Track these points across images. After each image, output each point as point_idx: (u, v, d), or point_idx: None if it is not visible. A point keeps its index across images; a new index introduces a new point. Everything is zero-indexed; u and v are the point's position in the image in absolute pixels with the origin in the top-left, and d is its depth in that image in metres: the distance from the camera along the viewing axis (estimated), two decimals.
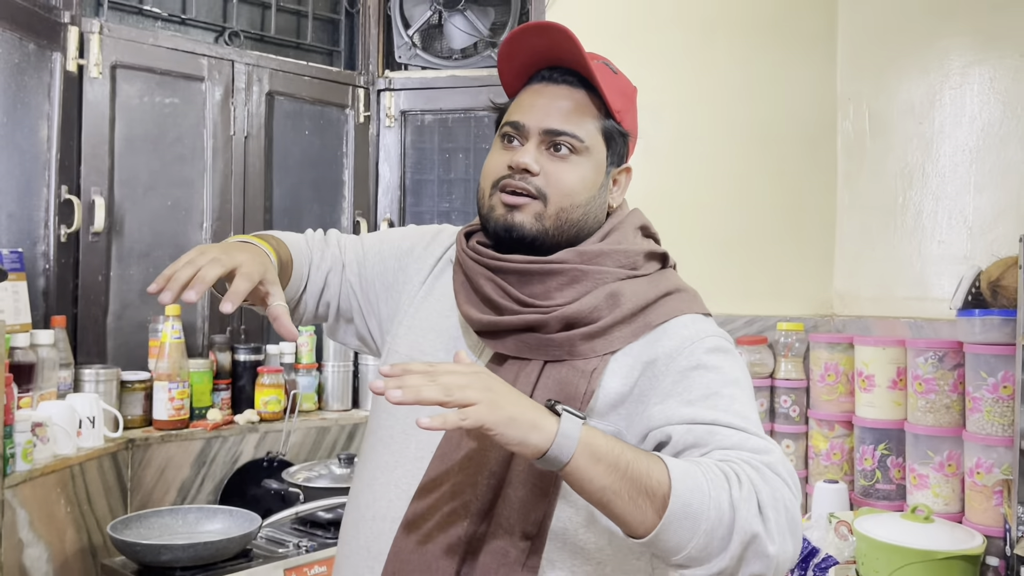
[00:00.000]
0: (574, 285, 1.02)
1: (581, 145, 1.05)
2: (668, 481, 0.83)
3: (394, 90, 2.67)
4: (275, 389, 2.32)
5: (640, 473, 0.83)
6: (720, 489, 0.83)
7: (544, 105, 1.06)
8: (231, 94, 2.39)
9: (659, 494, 0.83)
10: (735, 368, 1.00)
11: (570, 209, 1.05)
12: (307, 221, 2.57)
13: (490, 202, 1.07)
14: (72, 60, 2.11)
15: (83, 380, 2.04)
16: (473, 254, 1.07)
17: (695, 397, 0.95)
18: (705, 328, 1.02)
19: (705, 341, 1.00)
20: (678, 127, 2.40)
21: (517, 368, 1.01)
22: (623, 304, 1.01)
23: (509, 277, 1.03)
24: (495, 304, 1.03)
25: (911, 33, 2.20)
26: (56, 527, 1.77)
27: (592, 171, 1.07)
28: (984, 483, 1.82)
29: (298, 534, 1.96)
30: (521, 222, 1.03)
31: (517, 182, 1.04)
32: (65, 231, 2.08)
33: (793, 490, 0.88)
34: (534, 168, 1.03)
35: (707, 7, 2.41)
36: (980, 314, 1.83)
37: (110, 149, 2.20)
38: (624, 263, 1.05)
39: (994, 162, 2.01)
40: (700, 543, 0.83)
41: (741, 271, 2.37)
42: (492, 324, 1.02)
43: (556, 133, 1.04)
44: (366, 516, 1.05)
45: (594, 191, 1.07)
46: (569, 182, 1.04)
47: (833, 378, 2.16)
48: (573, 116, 1.05)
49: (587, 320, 0.99)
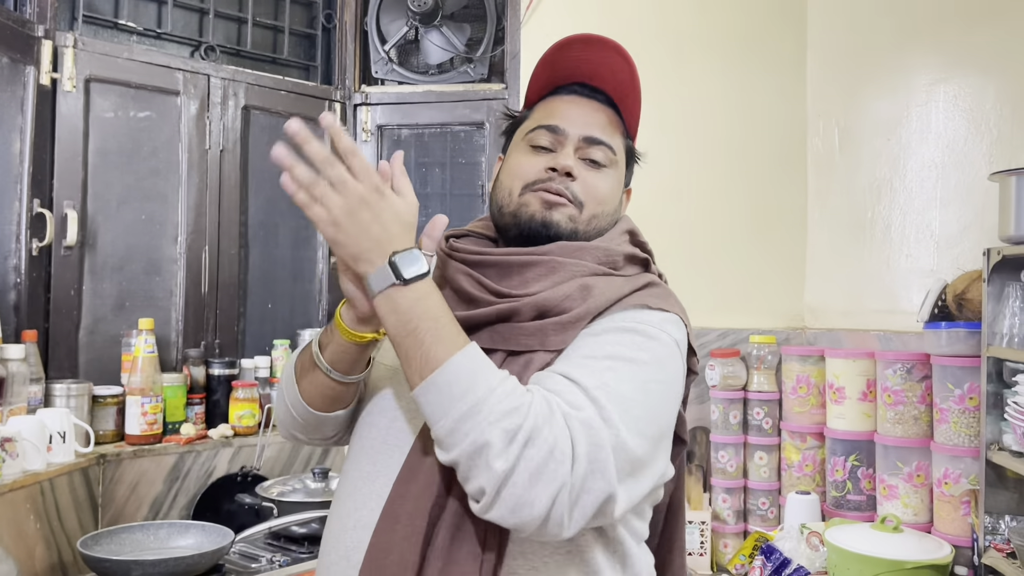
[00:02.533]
0: (550, 276, 1.02)
1: (614, 158, 1.09)
2: (446, 359, 0.87)
3: (370, 105, 2.68)
4: (249, 403, 2.31)
5: (425, 341, 0.88)
6: (492, 394, 0.84)
7: (582, 115, 1.09)
8: (206, 108, 2.39)
9: (431, 365, 0.87)
10: (639, 352, 0.94)
11: (600, 217, 1.08)
12: (283, 235, 2.58)
13: (520, 199, 1.07)
14: (46, 74, 2.10)
15: (54, 395, 2.02)
16: (450, 251, 1.08)
17: (576, 356, 0.94)
18: (643, 316, 0.99)
19: (626, 322, 0.97)
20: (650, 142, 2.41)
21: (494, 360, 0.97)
22: (595, 296, 0.99)
23: (487, 271, 1.04)
24: (470, 297, 1.03)
25: (879, 52, 2.25)
26: (25, 543, 1.75)
27: (618, 184, 1.12)
28: (952, 493, 1.85)
29: (272, 549, 1.94)
30: (558, 220, 1.05)
31: (558, 185, 1.05)
32: (37, 245, 2.06)
33: (577, 452, 0.83)
34: (576, 171, 1.06)
35: (680, 25, 2.45)
36: (946, 327, 1.86)
37: (83, 163, 2.19)
38: (603, 260, 1.05)
39: (959, 178, 2.05)
40: (447, 426, 0.85)
41: (714, 285, 2.39)
42: (465, 319, 0.99)
43: (596, 141, 1.08)
44: (347, 526, 1.04)
45: (617, 203, 1.12)
46: (603, 191, 1.08)
47: (805, 390, 2.18)
48: (608, 129, 1.10)
49: (558, 309, 0.99)
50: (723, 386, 2.27)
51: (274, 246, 2.56)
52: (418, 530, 0.92)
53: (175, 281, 2.35)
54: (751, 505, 2.27)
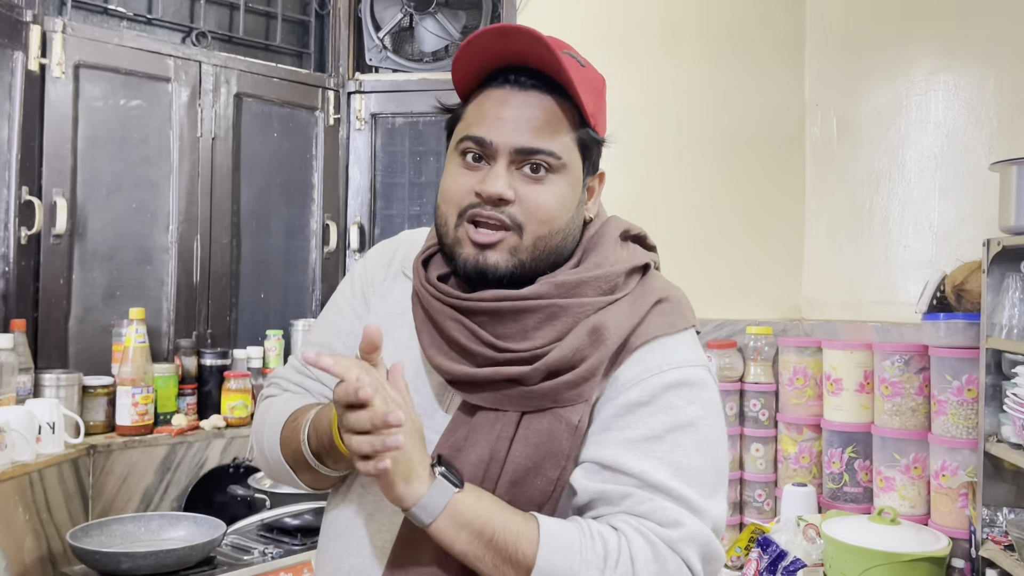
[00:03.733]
0: (552, 323, 0.91)
1: (558, 163, 0.93)
2: (534, 555, 0.83)
3: (364, 92, 2.66)
4: (242, 394, 2.28)
5: (506, 543, 0.84)
6: (593, 568, 0.82)
7: (512, 118, 0.92)
8: (198, 95, 2.36)
9: (523, 567, 0.83)
10: (692, 408, 0.90)
11: (548, 237, 0.93)
12: (275, 225, 2.55)
13: (456, 234, 0.94)
14: (34, 59, 2.07)
15: (43, 385, 2.00)
16: (435, 291, 0.95)
17: (634, 438, 0.89)
18: (671, 356, 0.92)
19: (667, 375, 0.91)
20: (648, 132, 2.41)
21: (492, 420, 0.91)
22: (607, 339, 0.90)
23: (479, 318, 0.92)
24: (466, 350, 0.92)
25: (877, 40, 2.23)
26: (14, 535, 1.73)
27: (570, 189, 0.95)
28: (949, 485, 1.83)
29: (264, 541, 1.93)
30: (496, 263, 0.92)
31: (489, 213, 0.91)
32: (26, 233, 2.04)
33: (694, 568, 0.85)
34: (508, 196, 0.91)
35: (676, 12, 2.42)
36: (945, 318, 1.85)
37: (73, 150, 2.16)
38: (604, 289, 0.94)
39: (958, 168, 2.03)
40: None
41: (711, 275, 2.38)
42: (467, 376, 0.91)
43: (530, 152, 0.92)
44: (340, 570, 0.98)
45: (572, 211, 0.96)
46: (548, 208, 0.93)
47: (802, 382, 2.17)
48: (546, 129, 0.92)
49: (571, 364, 0.89)
50: (720, 377, 2.25)
51: (266, 235, 2.53)
52: None
53: (166, 270, 2.32)
54: (747, 497, 2.26)
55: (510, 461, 0.90)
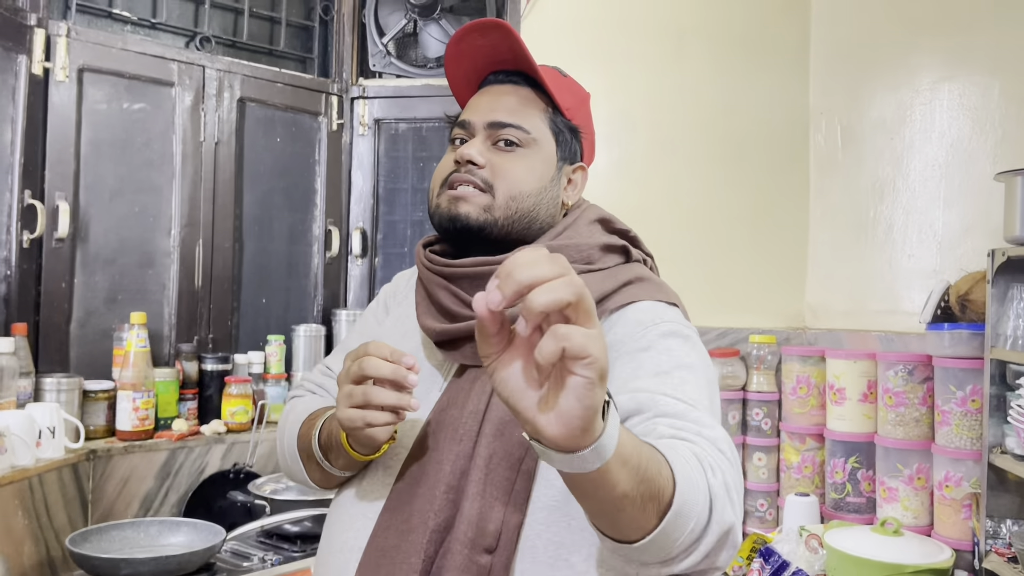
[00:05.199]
0: None
1: (527, 137, 1.03)
2: (673, 482, 0.72)
3: (368, 98, 2.65)
4: (243, 399, 2.28)
5: (653, 475, 0.70)
6: (701, 479, 0.75)
7: (489, 101, 1.05)
8: (201, 100, 2.36)
9: (664, 497, 0.71)
10: (690, 353, 0.95)
11: (520, 198, 1.02)
12: (278, 230, 2.55)
13: (437, 200, 1.05)
14: (38, 63, 2.07)
15: (44, 389, 1.99)
16: (427, 262, 1.05)
17: (643, 374, 0.91)
18: (663, 314, 0.98)
19: (660, 326, 0.96)
20: (652, 139, 2.41)
21: (474, 376, 0.97)
22: None
23: (462, 282, 1.00)
24: (450, 313, 1.00)
25: (882, 49, 2.22)
26: (13, 540, 1.72)
27: (541, 163, 1.05)
28: (953, 496, 1.83)
29: (264, 547, 1.92)
30: (466, 212, 1.01)
31: (463, 175, 1.02)
32: (28, 236, 2.03)
33: (737, 468, 0.84)
34: (479, 160, 1.02)
35: (681, 19, 2.42)
36: (949, 328, 1.84)
37: (76, 154, 2.15)
38: (576, 258, 1.01)
39: (963, 177, 2.03)
40: (685, 542, 0.73)
41: (714, 283, 2.37)
42: (447, 332, 0.99)
43: (500, 125, 1.03)
44: (333, 548, 1.02)
45: (544, 182, 1.05)
46: (516, 173, 1.02)
47: (805, 391, 2.16)
48: (518, 109, 1.04)
49: None
50: (722, 386, 2.24)
51: (269, 240, 2.53)
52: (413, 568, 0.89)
53: (168, 275, 2.32)
54: (749, 507, 2.25)
55: (489, 414, 0.93)
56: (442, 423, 0.97)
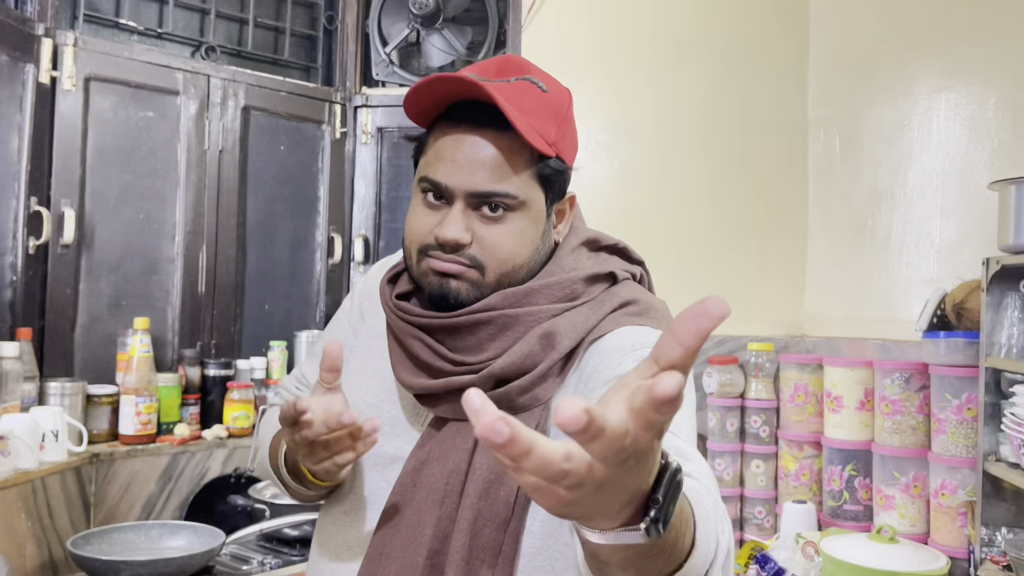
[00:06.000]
0: (505, 333, 0.92)
1: (515, 202, 0.93)
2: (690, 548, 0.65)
3: (371, 107, 2.68)
4: (244, 404, 2.30)
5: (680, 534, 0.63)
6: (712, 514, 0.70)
7: (466, 161, 0.92)
8: (206, 108, 2.39)
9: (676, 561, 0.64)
10: None
11: (511, 273, 0.95)
12: (281, 237, 2.57)
13: (420, 267, 0.96)
14: (45, 72, 2.10)
15: (48, 393, 2.02)
16: (400, 312, 0.98)
17: None
18: (644, 338, 0.91)
19: (639, 351, 0.89)
20: (651, 147, 2.42)
21: (455, 431, 0.93)
22: (560, 342, 0.90)
23: (439, 334, 0.95)
24: (427, 365, 0.95)
25: (880, 59, 2.24)
26: (16, 541, 1.74)
27: (531, 224, 0.95)
28: (949, 504, 1.83)
29: (263, 551, 1.94)
30: (458, 289, 0.94)
31: (448, 258, 0.93)
32: (34, 243, 2.06)
33: None
34: (464, 240, 0.92)
35: (680, 29, 2.44)
36: (945, 336, 1.85)
37: (82, 161, 2.19)
38: (559, 296, 0.95)
39: (960, 186, 2.03)
40: None
41: (712, 291, 2.37)
42: (425, 389, 0.95)
43: (485, 196, 0.92)
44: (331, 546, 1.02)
45: (536, 243, 0.97)
46: (506, 247, 0.93)
47: (803, 399, 2.17)
48: (501, 170, 0.92)
49: (521, 371, 0.90)
50: (720, 393, 2.25)
51: (272, 247, 2.55)
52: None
53: (172, 281, 2.34)
54: (747, 514, 2.25)
55: (472, 474, 0.90)
56: (420, 482, 0.93)
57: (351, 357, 1.08)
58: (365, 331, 1.09)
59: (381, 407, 1.01)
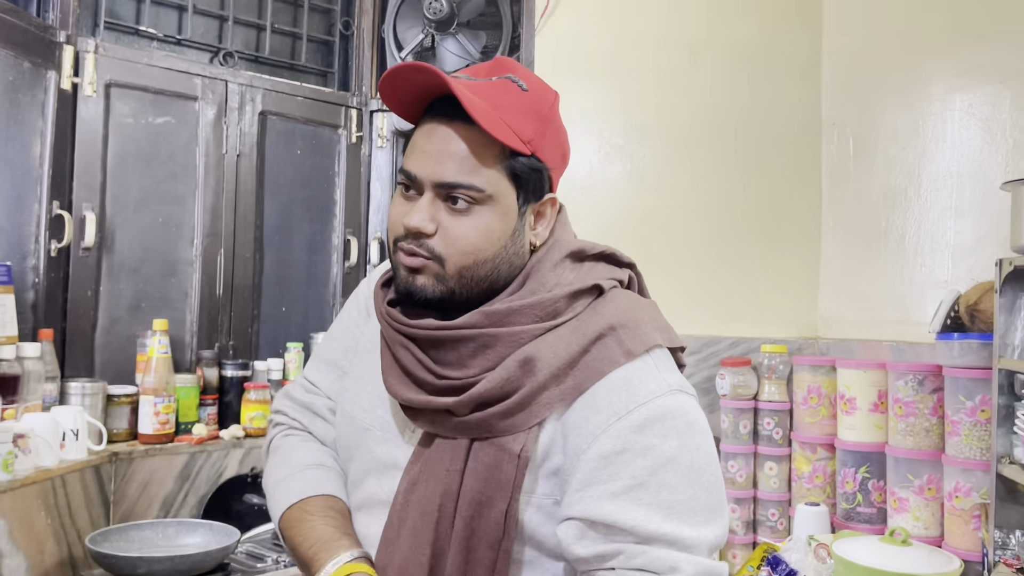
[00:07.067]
0: (485, 352, 0.93)
1: (482, 195, 0.93)
2: None
3: (386, 111, 2.70)
4: (261, 405, 2.33)
5: None
6: None
7: (436, 152, 0.93)
8: (224, 113, 2.42)
9: None
10: (669, 443, 0.89)
11: (474, 267, 0.94)
12: (297, 240, 2.60)
13: (395, 258, 0.98)
14: (67, 78, 2.15)
15: (69, 393, 2.06)
16: (389, 319, 0.99)
17: (618, 489, 0.88)
18: (636, 391, 0.90)
19: (634, 416, 0.89)
20: (664, 150, 2.43)
21: (443, 450, 0.94)
22: (539, 371, 0.90)
23: (423, 345, 0.96)
24: (414, 377, 0.96)
25: (894, 60, 2.23)
26: (36, 538, 1.78)
27: (499, 220, 0.95)
28: (962, 507, 1.82)
29: (277, 549, 1.96)
30: (423, 285, 0.95)
31: (410, 246, 0.94)
32: (56, 246, 2.10)
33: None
34: (427, 229, 0.93)
35: (694, 31, 2.44)
36: (958, 338, 1.84)
37: (102, 166, 2.23)
38: (541, 315, 0.94)
39: (974, 187, 2.02)
40: None
41: (726, 293, 2.38)
42: (409, 402, 0.96)
43: (450, 187, 0.92)
44: None
45: (504, 240, 0.95)
46: (469, 239, 0.93)
47: (816, 401, 2.16)
48: (469, 163, 0.92)
49: (500, 396, 0.90)
50: (733, 395, 2.25)
51: (289, 250, 2.58)
52: None
53: (190, 283, 2.38)
54: (760, 516, 2.25)
55: (463, 495, 0.91)
56: (412, 501, 0.95)
57: (355, 360, 1.11)
58: (368, 330, 1.10)
59: (375, 412, 1.03)
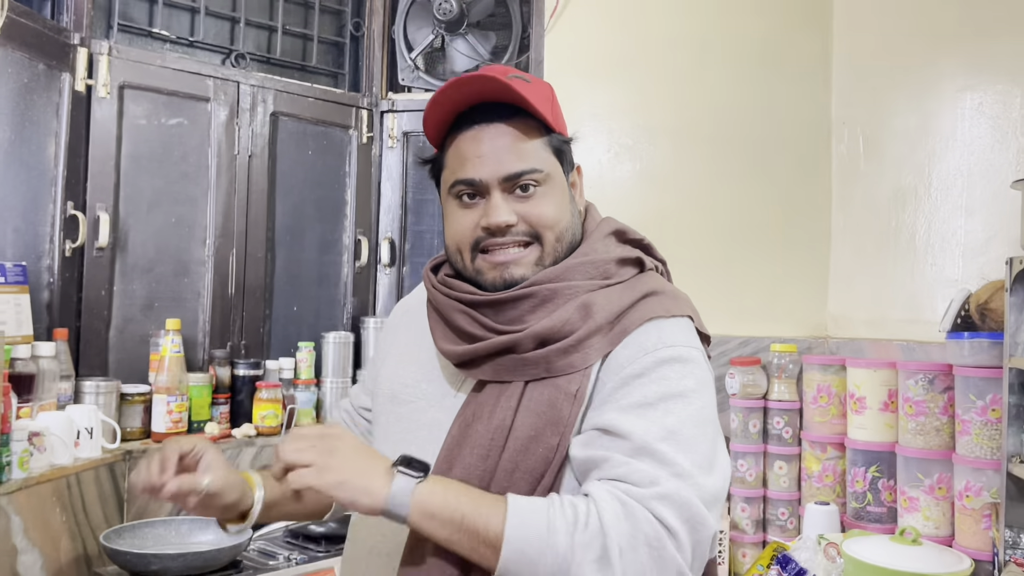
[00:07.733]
0: (545, 305, 1.00)
1: (542, 175, 1.03)
2: (503, 530, 0.87)
3: (397, 112, 2.72)
4: (273, 404, 2.35)
5: (476, 525, 0.88)
6: (561, 534, 0.86)
7: (491, 152, 1.02)
8: (236, 114, 2.44)
9: (494, 543, 0.87)
10: (684, 380, 0.96)
11: (563, 234, 1.05)
12: (309, 240, 2.62)
13: (474, 266, 1.05)
14: (81, 80, 2.17)
15: (83, 392, 2.08)
16: (444, 288, 1.07)
17: (627, 404, 0.94)
18: (667, 337, 0.99)
19: (660, 351, 0.97)
20: (674, 149, 2.43)
21: (498, 392, 1.00)
22: (595, 314, 0.99)
23: (483, 309, 1.03)
24: (470, 335, 1.02)
25: (904, 58, 2.22)
26: (51, 535, 1.80)
27: (560, 192, 1.06)
28: (973, 506, 1.81)
29: (289, 547, 1.98)
30: (522, 275, 1.02)
31: (501, 240, 1.02)
32: (70, 246, 2.13)
33: (671, 526, 0.87)
34: (512, 220, 1.02)
35: (703, 30, 2.44)
36: (969, 337, 1.83)
37: (116, 167, 2.25)
38: (594, 274, 1.03)
39: (985, 186, 2.02)
40: None
41: (736, 292, 2.38)
42: (468, 353, 1.01)
43: (517, 176, 1.02)
44: (360, 552, 1.07)
45: (570, 207, 1.08)
46: (550, 214, 1.03)
47: (826, 400, 2.16)
48: (523, 151, 1.03)
49: (560, 335, 0.98)
50: (743, 394, 2.25)
51: (300, 250, 2.60)
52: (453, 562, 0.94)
53: (203, 283, 2.40)
54: (770, 515, 2.25)
55: (515, 430, 0.96)
56: (467, 437, 0.99)
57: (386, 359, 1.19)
58: (398, 346, 1.18)
59: (419, 386, 1.10)
